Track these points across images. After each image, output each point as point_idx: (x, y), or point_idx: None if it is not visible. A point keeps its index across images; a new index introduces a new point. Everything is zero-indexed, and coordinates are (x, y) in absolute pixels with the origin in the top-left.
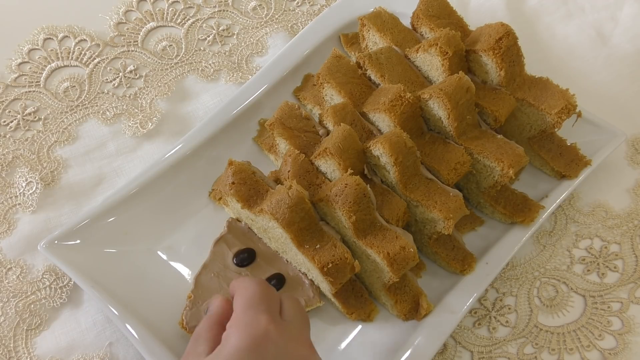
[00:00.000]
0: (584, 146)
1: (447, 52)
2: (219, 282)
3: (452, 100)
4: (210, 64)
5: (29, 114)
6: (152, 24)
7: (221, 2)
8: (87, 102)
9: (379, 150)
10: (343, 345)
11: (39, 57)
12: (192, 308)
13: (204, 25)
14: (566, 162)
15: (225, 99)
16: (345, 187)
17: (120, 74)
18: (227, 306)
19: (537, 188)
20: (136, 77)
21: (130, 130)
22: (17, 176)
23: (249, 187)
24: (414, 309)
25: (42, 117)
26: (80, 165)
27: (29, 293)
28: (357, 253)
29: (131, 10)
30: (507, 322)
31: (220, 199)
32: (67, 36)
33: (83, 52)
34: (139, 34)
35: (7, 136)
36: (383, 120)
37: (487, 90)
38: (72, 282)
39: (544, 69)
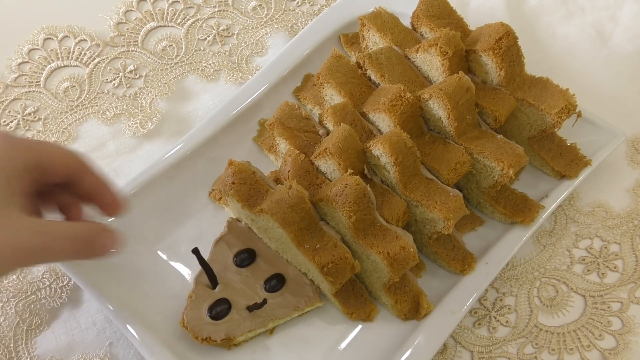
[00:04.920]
0: (584, 146)
1: (447, 52)
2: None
3: (452, 100)
4: (210, 64)
5: (29, 114)
6: (152, 24)
7: (221, 2)
8: (87, 102)
9: (379, 150)
10: (343, 345)
11: (39, 57)
12: (192, 308)
13: (204, 25)
14: (566, 162)
15: (225, 99)
16: (345, 187)
17: (120, 74)
18: None
19: (537, 188)
20: (136, 77)
21: (130, 130)
22: None
23: (249, 187)
24: (414, 309)
25: (42, 117)
26: None
27: (29, 293)
28: (357, 253)
29: (131, 10)
30: (507, 322)
31: (220, 199)
32: (67, 36)
33: (83, 52)
34: (139, 34)
35: None
36: (383, 120)
37: (487, 90)
38: (72, 282)
39: (544, 69)
